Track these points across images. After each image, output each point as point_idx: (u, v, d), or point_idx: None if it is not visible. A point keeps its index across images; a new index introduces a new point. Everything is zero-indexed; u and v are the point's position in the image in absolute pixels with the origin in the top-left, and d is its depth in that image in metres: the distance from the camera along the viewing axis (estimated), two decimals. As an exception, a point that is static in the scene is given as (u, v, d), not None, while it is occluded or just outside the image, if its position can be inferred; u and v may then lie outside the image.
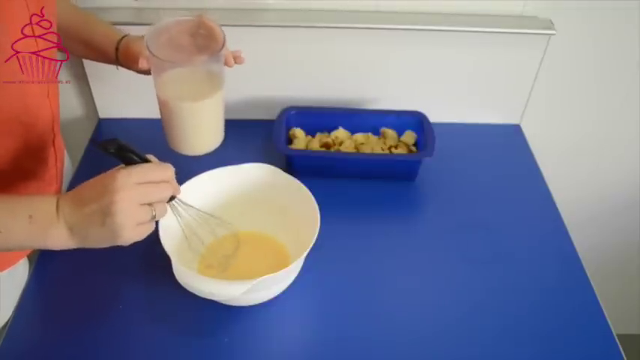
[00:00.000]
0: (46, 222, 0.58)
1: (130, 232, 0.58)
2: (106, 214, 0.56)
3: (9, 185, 0.71)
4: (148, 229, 0.60)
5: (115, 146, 0.58)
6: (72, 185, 0.93)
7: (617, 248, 1.42)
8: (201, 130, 0.76)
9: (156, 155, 0.63)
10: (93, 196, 0.58)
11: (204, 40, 0.73)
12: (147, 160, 0.61)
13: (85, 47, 0.83)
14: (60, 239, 0.59)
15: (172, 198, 0.64)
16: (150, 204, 0.59)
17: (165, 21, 0.72)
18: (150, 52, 0.68)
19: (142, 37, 0.76)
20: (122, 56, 0.80)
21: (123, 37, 0.81)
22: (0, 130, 0.67)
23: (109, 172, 0.58)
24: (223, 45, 0.71)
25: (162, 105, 0.74)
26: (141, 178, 0.58)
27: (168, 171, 0.61)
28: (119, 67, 0.83)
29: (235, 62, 0.77)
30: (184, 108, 0.73)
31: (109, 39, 0.81)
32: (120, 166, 0.59)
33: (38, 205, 0.58)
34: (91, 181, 0.60)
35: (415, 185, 0.98)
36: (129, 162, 0.60)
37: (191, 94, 0.73)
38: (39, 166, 0.76)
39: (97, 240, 0.59)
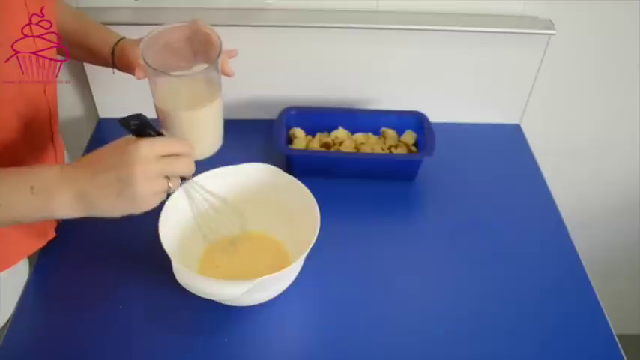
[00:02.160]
0: (49, 192, 0.57)
1: (147, 202, 0.58)
2: (124, 184, 0.56)
3: None
4: (160, 199, 0.60)
5: (138, 122, 0.58)
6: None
7: (617, 248, 1.42)
8: (201, 137, 0.75)
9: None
10: (111, 164, 0.57)
11: (200, 45, 0.73)
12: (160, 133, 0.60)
13: (85, 52, 0.83)
14: (66, 209, 0.58)
15: (183, 179, 0.64)
16: (167, 177, 0.59)
17: (161, 28, 0.72)
18: (145, 62, 0.68)
19: (137, 41, 0.76)
20: (118, 61, 0.80)
21: (119, 41, 0.80)
22: (1, 127, 0.67)
23: (129, 142, 0.57)
24: (220, 53, 0.70)
25: (160, 113, 0.73)
26: (163, 151, 0.58)
27: (187, 146, 0.61)
28: (115, 71, 0.82)
29: (229, 57, 0.77)
30: (183, 116, 0.72)
31: (106, 43, 0.80)
32: (134, 138, 0.59)
33: (40, 175, 0.58)
34: (107, 149, 0.59)
35: (415, 185, 0.98)
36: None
37: (189, 102, 0.72)
38: (38, 162, 0.76)
39: (109, 209, 0.58)
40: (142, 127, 0.59)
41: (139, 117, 0.58)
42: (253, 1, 0.98)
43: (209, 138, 0.76)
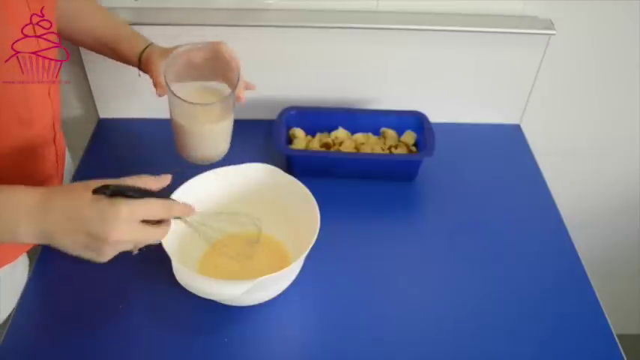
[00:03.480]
0: (13, 220, 0.55)
1: (106, 257, 0.57)
2: (93, 241, 0.55)
3: (4, 179, 0.71)
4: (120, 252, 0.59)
5: (110, 191, 0.56)
6: (72, 185, 0.93)
7: (617, 248, 1.42)
8: (214, 146, 0.80)
9: (156, 153, 0.63)
10: (86, 219, 0.55)
11: (220, 66, 0.76)
12: (145, 191, 0.58)
13: (111, 52, 0.85)
14: (30, 239, 0.57)
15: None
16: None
17: (184, 48, 0.76)
18: (168, 86, 0.72)
19: (162, 51, 0.80)
20: (144, 68, 0.82)
21: (145, 49, 0.82)
22: (1, 128, 0.67)
23: (110, 203, 0.55)
24: (237, 84, 0.74)
25: (176, 125, 0.77)
26: (143, 216, 0.57)
27: (167, 209, 0.59)
28: (140, 74, 0.85)
29: (246, 88, 0.80)
30: (197, 131, 0.77)
31: (133, 50, 0.82)
32: (121, 200, 0.56)
33: (6, 202, 0.56)
34: (84, 199, 0.56)
35: (415, 185, 0.98)
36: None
37: (205, 120, 0.76)
38: (40, 164, 0.76)
39: (70, 252, 0.57)
40: (118, 193, 0.56)
41: (107, 187, 0.56)
42: (253, 1, 0.98)
43: (220, 147, 0.80)
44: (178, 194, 0.75)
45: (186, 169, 0.79)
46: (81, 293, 0.79)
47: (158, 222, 0.60)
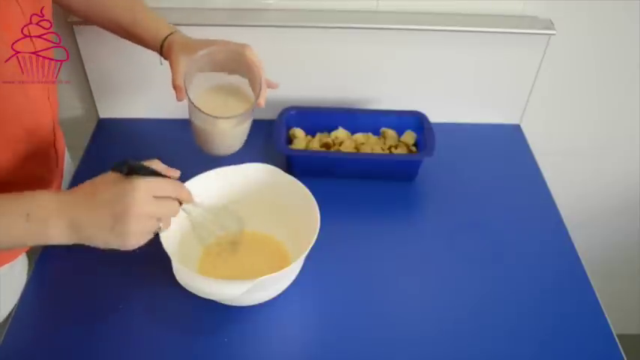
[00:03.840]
0: (44, 220, 0.58)
1: (135, 240, 0.60)
2: (117, 220, 0.57)
3: (9, 188, 0.71)
4: (148, 239, 0.62)
5: (127, 168, 0.59)
6: (73, 184, 0.93)
7: (617, 248, 1.42)
8: (232, 144, 0.81)
9: (156, 153, 0.64)
10: (107, 199, 0.58)
11: (241, 68, 0.76)
12: (158, 173, 0.62)
13: (127, 35, 0.82)
14: (60, 236, 0.59)
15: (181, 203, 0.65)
16: (159, 218, 0.61)
17: (206, 50, 0.74)
18: (188, 98, 0.72)
19: (183, 45, 0.77)
20: (165, 56, 0.79)
21: (167, 37, 0.79)
22: (3, 138, 0.67)
23: (127, 180, 0.59)
24: (259, 94, 0.74)
25: (196, 128, 0.77)
26: (158, 193, 0.60)
27: (179, 188, 0.63)
28: (162, 62, 0.82)
29: (269, 87, 0.79)
30: (218, 133, 0.77)
31: (151, 36, 0.80)
32: (137, 177, 0.59)
33: (35, 203, 0.59)
34: (101, 182, 0.60)
35: (415, 185, 0.98)
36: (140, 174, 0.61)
37: (226, 124, 0.76)
38: (40, 168, 0.77)
39: (100, 241, 0.60)
40: (134, 171, 0.60)
41: (125, 163, 0.59)
42: (253, 1, 0.98)
43: (237, 145, 0.81)
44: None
45: (186, 168, 0.79)
46: (81, 293, 0.79)
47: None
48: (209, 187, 0.81)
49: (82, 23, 0.96)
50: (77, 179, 0.95)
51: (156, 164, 0.62)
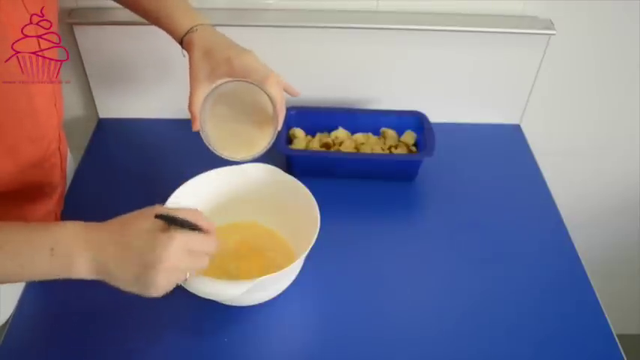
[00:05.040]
0: (68, 256, 0.57)
1: (157, 292, 0.58)
2: (146, 271, 0.56)
3: (14, 192, 0.71)
4: (170, 289, 0.60)
5: (173, 222, 0.58)
6: (74, 184, 0.93)
7: (617, 248, 1.42)
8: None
9: (156, 153, 0.63)
10: (139, 247, 0.57)
11: (261, 96, 0.74)
12: (195, 226, 0.60)
13: (156, 22, 0.79)
14: (84, 273, 0.58)
15: None
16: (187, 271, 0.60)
17: (227, 84, 0.73)
18: (202, 135, 0.71)
19: (203, 51, 0.73)
20: (186, 51, 0.76)
21: (187, 33, 0.75)
22: (9, 148, 0.67)
23: (164, 231, 0.57)
24: (277, 129, 0.73)
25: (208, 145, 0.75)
26: (195, 248, 0.59)
27: (215, 244, 0.62)
28: (185, 55, 0.78)
29: (289, 93, 0.77)
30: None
31: (173, 28, 0.76)
32: (174, 228, 0.58)
33: (60, 237, 0.57)
34: (138, 228, 0.58)
35: (415, 185, 0.98)
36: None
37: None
38: (44, 173, 0.76)
39: (122, 285, 0.58)
40: (171, 220, 0.58)
41: (174, 219, 0.58)
42: (253, 1, 0.98)
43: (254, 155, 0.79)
44: (178, 194, 0.75)
45: (186, 168, 0.79)
46: (80, 294, 0.79)
47: None
48: (209, 187, 0.81)
49: (82, 23, 0.96)
50: (77, 179, 0.95)
51: (194, 216, 0.60)
